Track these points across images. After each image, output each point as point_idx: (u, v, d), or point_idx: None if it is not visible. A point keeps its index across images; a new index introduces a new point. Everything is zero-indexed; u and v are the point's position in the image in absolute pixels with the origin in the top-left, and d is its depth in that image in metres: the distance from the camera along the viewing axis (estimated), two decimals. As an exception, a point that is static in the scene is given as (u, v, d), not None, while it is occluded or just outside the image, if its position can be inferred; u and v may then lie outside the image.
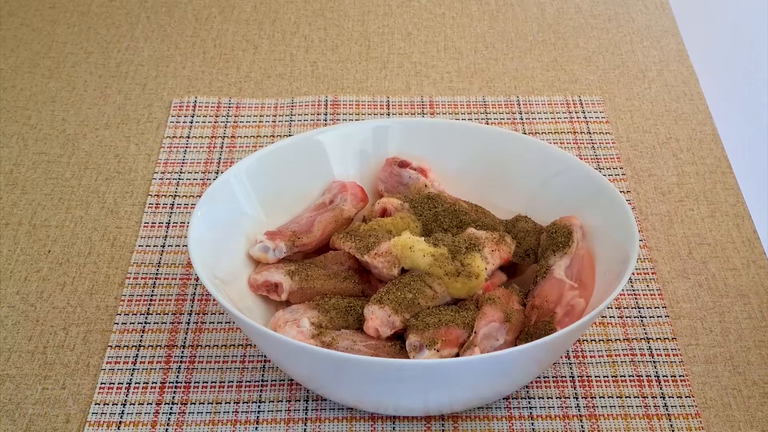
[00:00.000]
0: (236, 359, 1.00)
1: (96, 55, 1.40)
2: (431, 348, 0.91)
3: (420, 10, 1.49)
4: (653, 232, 1.13)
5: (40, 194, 1.18)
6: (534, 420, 0.94)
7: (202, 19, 1.47)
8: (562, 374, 0.98)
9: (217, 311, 1.04)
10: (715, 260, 1.10)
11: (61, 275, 1.08)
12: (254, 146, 1.24)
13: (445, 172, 1.09)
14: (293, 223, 1.04)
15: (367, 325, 0.93)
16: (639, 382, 0.97)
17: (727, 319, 1.04)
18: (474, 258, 0.96)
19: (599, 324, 1.03)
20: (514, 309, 0.96)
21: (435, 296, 0.95)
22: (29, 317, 1.04)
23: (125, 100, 1.32)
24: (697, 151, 1.24)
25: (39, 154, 1.24)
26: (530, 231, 1.03)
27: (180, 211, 1.15)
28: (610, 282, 0.94)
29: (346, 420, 0.94)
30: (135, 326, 1.02)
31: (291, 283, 0.98)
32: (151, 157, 1.23)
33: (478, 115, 1.29)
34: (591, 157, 1.22)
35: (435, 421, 0.94)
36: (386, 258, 0.97)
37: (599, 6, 1.49)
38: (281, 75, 1.37)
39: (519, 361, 0.90)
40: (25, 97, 1.33)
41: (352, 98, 1.31)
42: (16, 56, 1.40)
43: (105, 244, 1.12)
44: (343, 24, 1.47)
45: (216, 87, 1.35)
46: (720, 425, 0.94)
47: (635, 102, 1.31)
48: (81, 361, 1.00)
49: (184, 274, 1.08)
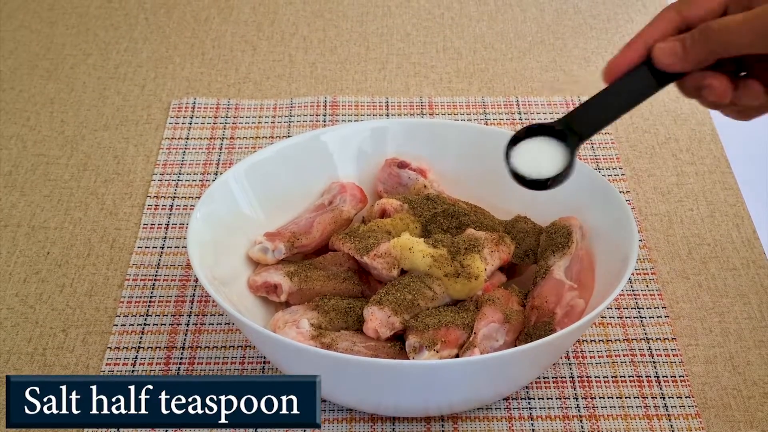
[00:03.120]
0: (236, 360, 0.99)
1: (95, 56, 1.40)
2: (431, 349, 0.91)
3: (419, 10, 1.49)
4: (653, 233, 1.13)
5: (39, 196, 1.18)
6: (534, 420, 0.94)
7: (201, 20, 1.47)
8: (561, 375, 0.98)
9: (216, 312, 1.04)
10: (714, 260, 1.10)
11: (61, 277, 1.08)
12: (253, 147, 1.24)
13: (444, 173, 1.09)
14: (292, 224, 1.04)
15: (367, 326, 0.93)
16: (639, 382, 0.97)
17: (726, 319, 1.04)
18: (473, 259, 0.96)
19: (599, 324, 1.03)
20: (513, 310, 0.96)
21: (434, 297, 0.95)
22: (28, 319, 1.04)
23: (124, 102, 1.32)
24: (697, 151, 1.24)
25: (38, 155, 1.24)
26: (530, 231, 1.03)
27: (179, 212, 1.15)
28: (609, 282, 0.94)
29: (346, 421, 0.94)
30: (134, 328, 1.02)
31: (290, 284, 0.98)
32: (150, 159, 1.23)
33: (477, 116, 1.29)
34: (590, 158, 1.22)
35: (435, 422, 0.94)
36: (386, 259, 0.97)
37: (598, 7, 1.48)
38: (280, 76, 1.37)
39: (519, 362, 0.90)
40: (23, 99, 1.33)
41: (351, 99, 1.31)
42: (14, 58, 1.40)
43: (104, 246, 1.12)
44: (342, 25, 1.47)
45: (215, 88, 1.35)
46: (720, 425, 0.94)
47: (634, 102, 1.31)
48: (80, 362, 1.00)
49: (184, 276, 1.08)
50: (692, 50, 0.83)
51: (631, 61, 0.85)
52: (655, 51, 0.84)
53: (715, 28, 0.81)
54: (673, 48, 0.83)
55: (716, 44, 0.81)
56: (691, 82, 0.84)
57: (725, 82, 0.83)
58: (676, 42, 0.83)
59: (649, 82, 0.85)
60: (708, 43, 0.82)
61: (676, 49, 0.83)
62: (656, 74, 0.85)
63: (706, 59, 0.83)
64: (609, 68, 0.86)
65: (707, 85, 0.84)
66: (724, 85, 0.83)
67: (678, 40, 0.83)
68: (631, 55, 0.85)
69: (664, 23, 0.85)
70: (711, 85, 0.83)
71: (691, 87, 0.85)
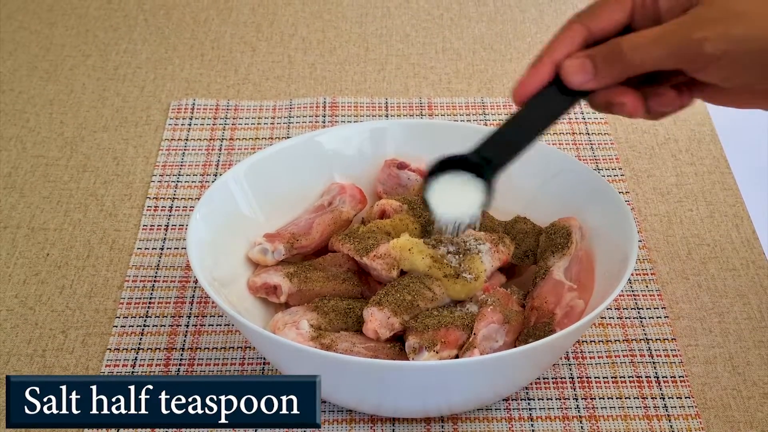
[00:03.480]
0: (235, 361, 0.99)
1: (94, 57, 1.40)
2: (430, 350, 0.91)
3: (418, 11, 1.49)
4: (652, 233, 1.13)
5: (39, 197, 1.18)
6: (534, 421, 0.94)
7: (200, 21, 1.47)
8: (561, 375, 0.98)
9: (216, 313, 1.04)
10: (714, 261, 1.10)
11: (60, 278, 1.08)
12: (253, 148, 1.24)
13: (443, 174, 1.09)
14: (292, 225, 1.04)
15: (367, 327, 0.93)
16: (639, 383, 0.97)
17: (726, 319, 1.04)
18: (473, 260, 0.96)
19: (599, 325, 1.02)
20: (513, 310, 0.96)
21: (434, 298, 0.95)
22: (28, 320, 1.04)
23: (123, 103, 1.32)
24: (696, 151, 1.24)
25: (37, 157, 1.24)
26: (529, 232, 1.03)
27: (179, 213, 1.15)
28: (609, 283, 0.94)
29: (346, 422, 0.94)
30: (134, 329, 1.02)
31: (290, 285, 0.98)
32: (150, 160, 1.23)
33: (476, 117, 1.29)
34: (590, 158, 1.22)
35: (435, 423, 0.94)
36: (385, 260, 0.97)
37: (597, 7, 1.48)
38: (279, 77, 1.37)
39: (518, 363, 0.90)
40: (23, 100, 1.32)
41: (351, 100, 1.31)
42: (14, 59, 1.40)
43: (104, 247, 1.12)
44: (341, 26, 1.47)
45: (214, 89, 1.35)
46: (720, 426, 0.94)
47: (634, 103, 1.31)
48: (80, 364, 1.00)
49: (183, 277, 1.08)
50: (603, 69, 0.81)
51: (541, 80, 0.83)
52: (564, 69, 0.82)
53: (626, 47, 0.80)
54: (582, 66, 0.82)
55: (628, 63, 0.80)
56: (602, 98, 0.83)
57: (636, 98, 0.82)
58: (586, 60, 0.82)
59: (560, 100, 0.83)
60: (620, 62, 0.80)
61: (586, 67, 0.81)
62: (566, 91, 0.83)
63: (617, 77, 0.81)
64: (518, 90, 0.84)
65: (618, 102, 0.82)
66: (636, 101, 0.82)
67: (588, 57, 0.82)
68: (539, 74, 0.83)
69: (571, 37, 0.83)
70: (622, 102, 0.82)
71: (602, 103, 0.83)
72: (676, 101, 0.84)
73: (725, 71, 0.79)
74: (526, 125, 0.85)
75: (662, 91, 0.83)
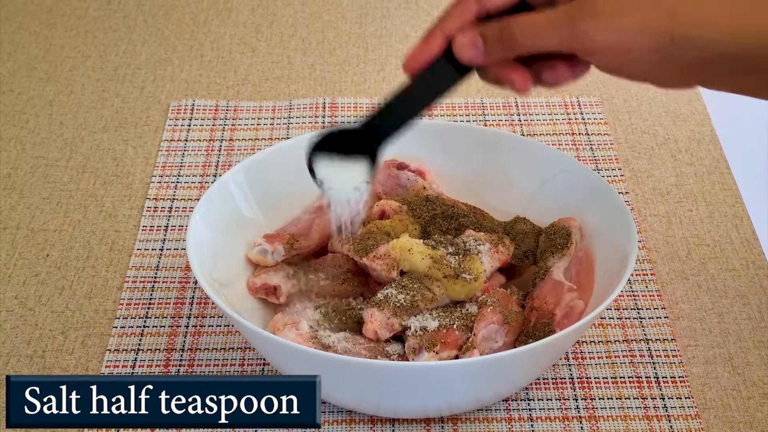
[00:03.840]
0: (235, 362, 0.99)
1: (93, 58, 1.40)
2: (430, 350, 0.91)
3: (417, 12, 1.49)
4: (652, 233, 1.13)
5: (38, 198, 1.18)
6: (534, 422, 0.94)
7: (199, 22, 1.47)
8: (561, 376, 0.98)
9: (215, 314, 1.04)
10: (714, 261, 1.10)
11: (60, 279, 1.08)
12: (252, 149, 1.24)
13: (443, 174, 1.09)
14: (291, 225, 1.04)
15: (366, 328, 0.93)
16: (638, 383, 0.97)
17: (726, 319, 1.04)
18: (473, 260, 0.96)
19: (598, 325, 1.02)
20: (513, 311, 0.96)
21: (434, 298, 0.95)
22: (28, 321, 1.04)
23: (123, 104, 1.32)
24: (696, 152, 1.24)
25: (37, 158, 1.24)
26: (529, 232, 1.03)
27: (178, 214, 1.15)
28: (609, 283, 0.94)
29: (346, 422, 0.94)
30: (134, 330, 1.02)
31: (289, 285, 0.98)
32: (149, 161, 1.23)
33: (476, 117, 1.29)
34: (589, 159, 1.22)
35: (434, 424, 0.94)
36: (385, 260, 0.97)
37: (597, 7, 1.48)
38: (279, 78, 1.37)
39: (518, 363, 0.90)
40: (22, 101, 1.32)
41: (350, 100, 1.31)
42: (13, 60, 1.40)
43: (103, 248, 1.12)
44: (341, 26, 1.47)
45: (214, 90, 1.35)
46: (720, 426, 0.94)
47: (633, 103, 1.31)
48: (80, 365, 1.00)
49: (183, 278, 1.08)
50: (493, 47, 0.81)
51: (432, 52, 0.83)
52: (455, 44, 0.82)
53: (517, 30, 0.80)
54: (473, 42, 0.82)
55: (518, 44, 0.80)
56: (491, 73, 0.83)
57: (524, 75, 0.82)
58: (477, 36, 0.82)
59: (450, 72, 0.83)
60: (510, 42, 0.80)
61: (476, 44, 0.82)
62: (457, 65, 0.83)
63: (507, 56, 0.81)
64: (409, 61, 0.84)
65: (508, 79, 0.82)
66: (524, 78, 0.82)
67: (479, 34, 0.82)
68: (431, 46, 0.83)
69: (463, 11, 0.83)
70: (512, 79, 0.82)
71: (491, 78, 0.84)
72: (570, 73, 0.83)
73: (616, 60, 0.78)
74: (416, 97, 0.85)
75: (555, 64, 0.82)
